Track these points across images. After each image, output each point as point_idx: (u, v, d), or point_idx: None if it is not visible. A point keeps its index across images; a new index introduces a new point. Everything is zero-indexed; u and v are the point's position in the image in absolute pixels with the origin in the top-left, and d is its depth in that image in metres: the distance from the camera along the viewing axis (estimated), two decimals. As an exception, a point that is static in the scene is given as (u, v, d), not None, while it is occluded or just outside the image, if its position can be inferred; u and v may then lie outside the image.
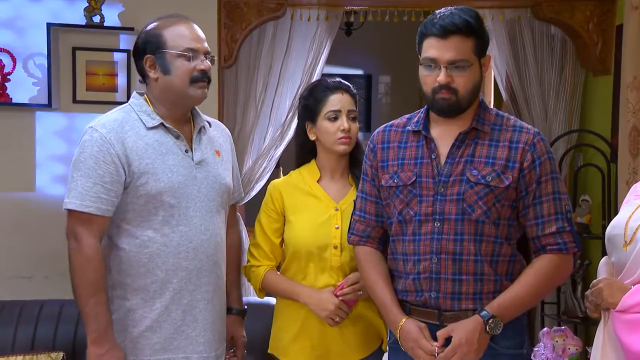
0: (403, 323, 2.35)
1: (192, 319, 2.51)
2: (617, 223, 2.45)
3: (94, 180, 2.40)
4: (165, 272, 2.47)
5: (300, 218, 2.73)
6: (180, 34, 2.50)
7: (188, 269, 2.49)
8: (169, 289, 2.47)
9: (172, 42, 2.49)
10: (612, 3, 4.26)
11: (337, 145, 2.70)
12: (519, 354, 2.39)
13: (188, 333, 2.51)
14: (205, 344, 2.54)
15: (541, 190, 2.31)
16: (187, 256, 2.48)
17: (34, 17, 3.96)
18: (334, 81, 2.77)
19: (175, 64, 2.49)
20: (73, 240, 2.44)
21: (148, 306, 2.47)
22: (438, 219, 2.31)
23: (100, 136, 2.43)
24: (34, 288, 3.96)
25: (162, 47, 2.49)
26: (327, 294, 2.64)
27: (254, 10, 4.14)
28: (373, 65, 8.14)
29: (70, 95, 4.01)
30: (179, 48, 2.48)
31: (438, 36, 2.27)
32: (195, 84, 2.50)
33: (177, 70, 2.49)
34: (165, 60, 2.49)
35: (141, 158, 2.44)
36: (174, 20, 2.55)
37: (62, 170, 4.00)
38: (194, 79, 2.49)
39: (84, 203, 2.40)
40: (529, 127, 2.37)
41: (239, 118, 4.35)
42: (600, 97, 4.42)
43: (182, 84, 2.49)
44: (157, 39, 2.50)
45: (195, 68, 2.49)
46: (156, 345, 2.48)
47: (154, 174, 2.44)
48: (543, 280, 2.34)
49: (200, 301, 2.53)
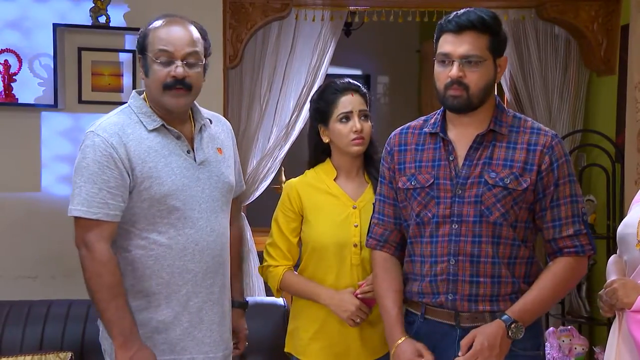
0: (400, 342, 2.38)
1: (199, 320, 2.50)
2: (629, 222, 2.46)
3: (99, 185, 2.36)
4: (171, 274, 2.45)
5: (319, 217, 2.73)
6: (159, 36, 2.42)
7: (194, 271, 2.47)
8: (175, 291, 2.46)
9: (151, 46, 2.41)
10: (616, 3, 4.28)
11: (351, 146, 2.70)
12: (537, 356, 2.39)
13: (195, 334, 2.50)
14: (211, 344, 2.53)
15: (559, 193, 2.32)
16: (194, 258, 2.47)
17: (40, 18, 3.95)
18: (343, 82, 2.76)
19: (152, 68, 2.42)
20: (84, 248, 2.39)
21: (153, 308, 2.46)
22: (456, 221, 2.32)
23: (102, 140, 2.38)
24: (39, 288, 3.96)
25: (145, 49, 2.44)
26: (348, 295, 2.64)
27: (259, 10, 4.14)
28: (371, 66, 8.16)
29: (75, 95, 4.00)
30: (154, 52, 2.41)
31: (453, 32, 2.28)
32: (168, 91, 2.41)
33: (152, 75, 2.43)
34: (147, 63, 2.44)
35: (144, 162, 2.40)
36: (163, 21, 2.47)
37: (67, 171, 3.99)
38: (166, 85, 2.41)
39: (91, 210, 2.36)
40: (546, 129, 2.38)
41: (244, 118, 4.35)
42: (604, 97, 4.44)
43: (156, 90, 2.43)
44: (143, 39, 2.45)
45: (168, 74, 2.40)
46: (162, 346, 2.47)
47: (158, 177, 2.41)
48: (561, 283, 2.35)
49: (207, 302, 2.52)
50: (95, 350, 3.12)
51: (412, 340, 2.37)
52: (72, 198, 2.40)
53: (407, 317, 2.47)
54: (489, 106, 2.36)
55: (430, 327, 2.39)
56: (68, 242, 3.99)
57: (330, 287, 2.70)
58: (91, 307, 3.34)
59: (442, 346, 2.36)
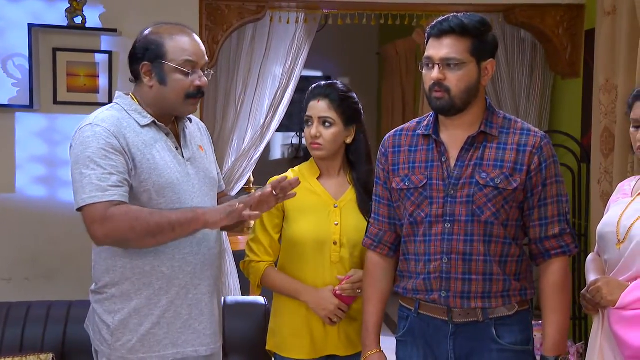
0: (371, 354, 2.54)
1: (199, 312, 2.52)
2: (608, 222, 2.53)
3: (109, 170, 2.33)
4: (171, 268, 2.46)
5: (300, 214, 2.78)
6: (182, 47, 2.45)
7: (193, 263, 2.49)
8: (175, 284, 2.47)
9: (173, 55, 2.43)
10: (580, 9, 4.42)
11: (311, 150, 2.78)
12: (526, 350, 2.46)
13: (195, 327, 2.52)
14: (211, 336, 2.56)
15: (546, 193, 2.39)
16: (192, 251, 2.49)
17: (15, 18, 3.94)
18: (316, 87, 2.83)
19: (172, 77, 2.45)
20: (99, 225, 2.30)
21: (154, 303, 2.47)
22: (448, 220, 2.38)
23: (104, 129, 2.38)
24: (13, 290, 3.94)
25: (161, 57, 2.44)
26: (328, 294, 2.71)
27: (235, 12, 4.17)
28: (332, 68, 8.24)
29: (51, 96, 3.99)
30: (178, 62, 2.43)
31: (435, 36, 2.37)
32: (189, 99, 2.48)
33: (174, 84, 2.45)
34: (162, 71, 2.45)
35: (142, 153, 2.42)
36: (177, 30, 2.49)
37: (42, 172, 3.99)
38: (189, 94, 2.47)
39: (107, 193, 2.31)
40: (536, 130, 2.45)
41: (219, 119, 4.38)
42: (568, 99, 4.58)
43: (176, 98, 2.47)
44: (158, 47, 2.44)
45: (192, 84, 2.46)
46: (165, 340, 2.48)
47: (156, 169, 2.42)
48: (565, 292, 2.43)
49: (205, 294, 2.54)
50: (77, 352, 3.15)
51: (382, 355, 2.53)
52: (79, 190, 2.33)
53: (401, 312, 2.54)
54: (480, 108, 2.43)
55: (423, 322, 2.45)
56: (43, 243, 3.98)
57: (309, 284, 2.75)
58: (72, 308, 3.37)
59: (434, 341, 2.44)
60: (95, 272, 2.53)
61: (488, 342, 2.40)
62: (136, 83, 2.54)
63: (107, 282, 2.48)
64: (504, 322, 2.41)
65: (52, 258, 4.02)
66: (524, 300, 2.45)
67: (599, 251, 2.65)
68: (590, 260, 2.68)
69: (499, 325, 2.40)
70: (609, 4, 3.83)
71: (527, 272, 2.46)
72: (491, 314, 2.39)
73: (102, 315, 2.49)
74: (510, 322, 2.41)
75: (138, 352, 2.47)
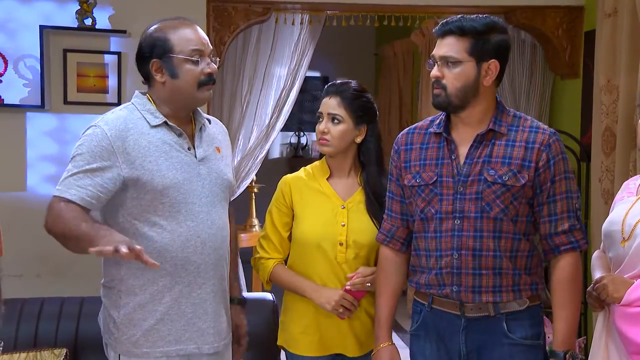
0: (383, 347, 2.59)
1: (203, 311, 2.57)
2: (614, 220, 2.55)
3: (84, 172, 2.42)
4: (174, 266, 2.51)
5: (308, 214, 2.82)
6: (187, 37, 2.52)
7: (197, 263, 2.54)
8: (179, 283, 2.52)
9: (179, 47, 2.51)
10: (580, 10, 4.49)
11: (319, 146, 2.83)
12: (536, 345, 2.49)
13: (199, 325, 2.56)
14: (215, 334, 2.60)
15: (555, 189, 2.43)
16: (196, 250, 2.53)
17: (26, 20, 3.99)
18: (330, 85, 2.89)
19: (183, 68, 2.52)
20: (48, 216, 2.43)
21: (157, 300, 2.52)
22: (458, 217, 2.43)
23: (102, 132, 2.46)
24: (25, 286, 3.96)
25: (169, 51, 2.51)
26: (332, 289, 2.75)
27: (241, 14, 4.24)
28: (330, 68, 8.29)
29: (61, 96, 4.04)
30: (186, 52, 2.51)
31: (439, 36, 2.45)
32: (202, 87, 2.54)
33: (185, 75, 2.53)
34: (172, 64, 2.52)
35: (144, 155, 2.47)
36: (178, 23, 2.56)
37: (53, 171, 4.03)
38: (202, 82, 2.53)
39: (69, 191, 2.41)
40: (545, 127, 2.50)
41: (226, 118, 4.43)
42: (568, 99, 4.65)
43: (190, 88, 2.54)
44: (164, 43, 2.52)
45: (202, 72, 2.53)
46: (168, 337, 2.53)
47: (159, 171, 2.48)
48: (574, 287, 2.47)
49: (209, 294, 2.58)
50: (90, 347, 3.19)
51: (394, 348, 2.58)
52: (59, 181, 2.46)
53: (415, 306, 2.60)
54: (488, 107, 2.48)
55: (436, 316, 2.51)
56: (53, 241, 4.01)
57: (316, 283, 2.78)
58: (84, 304, 3.42)
59: (447, 335, 2.50)
60: (104, 266, 2.60)
61: (499, 337, 2.45)
62: (149, 84, 2.60)
63: (114, 277, 2.54)
64: (515, 317, 2.45)
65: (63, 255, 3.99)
66: (535, 295, 2.49)
67: (604, 249, 2.67)
68: (596, 257, 2.69)
69: (510, 320, 2.45)
70: (610, 6, 3.90)
71: (538, 267, 2.50)
72: (502, 309, 2.44)
73: (110, 308, 2.56)
74: (521, 316, 2.46)
75: (142, 347, 2.52)
